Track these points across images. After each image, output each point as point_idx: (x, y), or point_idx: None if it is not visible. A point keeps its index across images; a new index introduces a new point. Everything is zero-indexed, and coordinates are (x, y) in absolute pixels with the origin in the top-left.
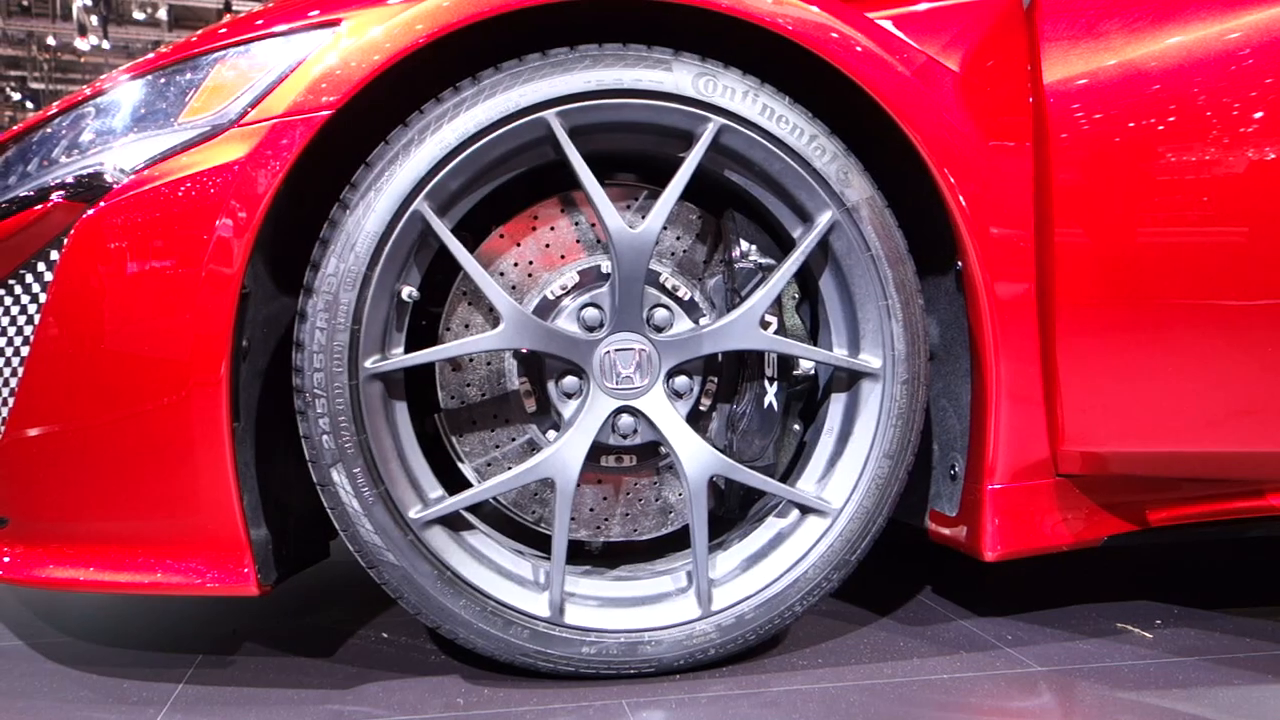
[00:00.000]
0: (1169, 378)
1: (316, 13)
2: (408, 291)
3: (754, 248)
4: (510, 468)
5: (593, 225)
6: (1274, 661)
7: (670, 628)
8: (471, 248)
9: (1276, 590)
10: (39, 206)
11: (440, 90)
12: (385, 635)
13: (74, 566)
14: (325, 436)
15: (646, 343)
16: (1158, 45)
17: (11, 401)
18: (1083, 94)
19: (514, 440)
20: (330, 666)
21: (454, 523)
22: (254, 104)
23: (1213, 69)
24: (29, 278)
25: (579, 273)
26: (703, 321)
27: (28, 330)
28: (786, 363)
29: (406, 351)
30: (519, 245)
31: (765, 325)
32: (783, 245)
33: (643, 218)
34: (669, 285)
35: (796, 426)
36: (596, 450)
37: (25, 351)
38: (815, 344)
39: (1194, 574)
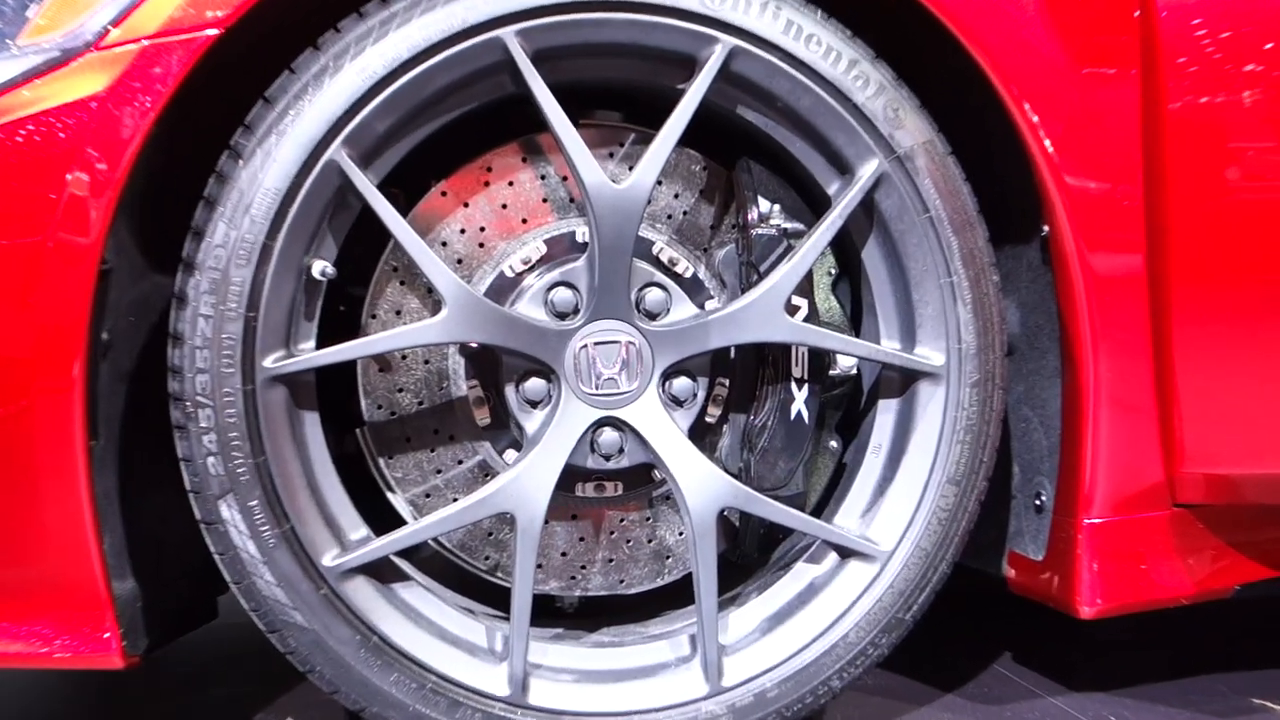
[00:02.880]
0: None
1: None
2: (321, 267)
3: (777, 208)
4: (456, 499)
5: (564, 179)
6: None
7: (668, 709)
8: (405, 209)
9: None
10: None
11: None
12: None
13: None
14: (211, 459)
15: (635, 334)
16: None
17: None
18: (1206, 6)
19: (461, 463)
20: None
21: (382, 573)
22: (117, 21)
23: None
24: None
25: (546, 242)
26: (710, 305)
27: None
28: (820, 360)
29: (319, 346)
30: (467, 206)
31: (792, 310)
32: (815, 205)
33: (630, 169)
34: (665, 258)
35: (833, 444)
36: (570, 476)
37: None
38: (858, 335)
39: None
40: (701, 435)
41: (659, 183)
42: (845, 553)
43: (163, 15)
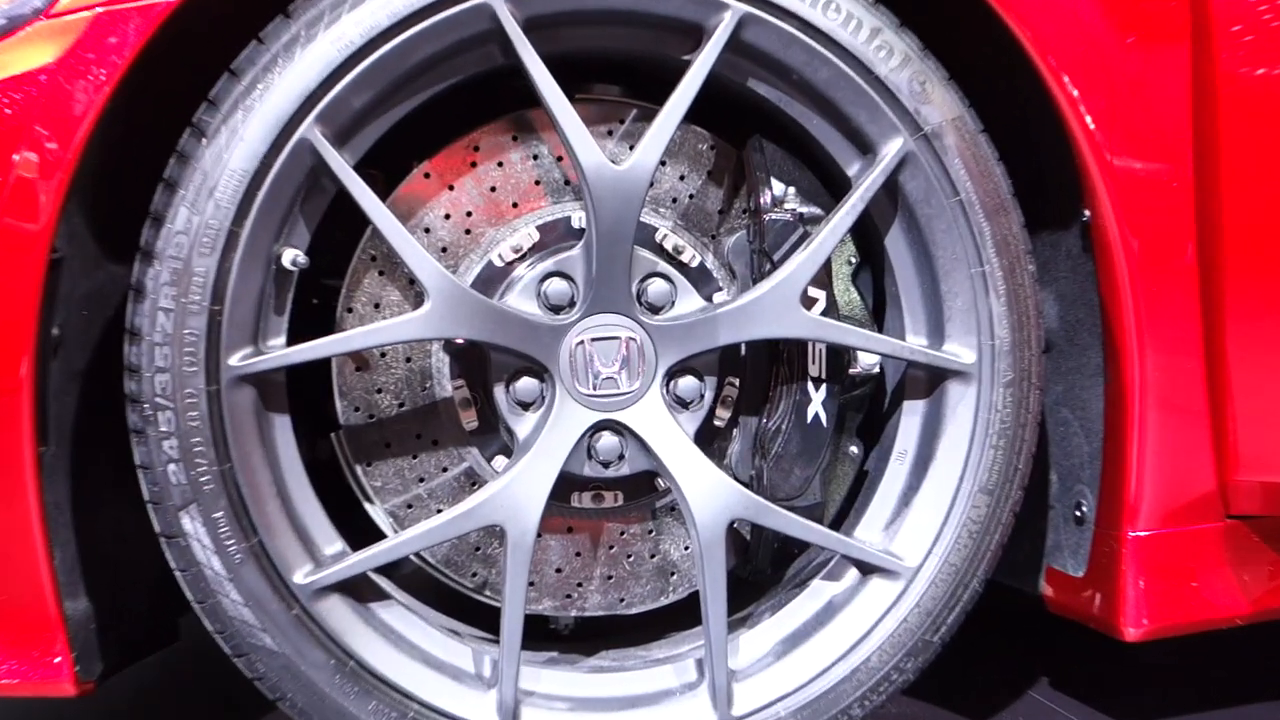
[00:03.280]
0: None
1: None
2: (292, 256)
3: (792, 191)
4: (440, 510)
5: (559, 160)
6: None
7: None
8: (385, 193)
9: None
10: None
11: None
12: None
13: None
14: (172, 466)
15: (637, 329)
16: None
17: None
18: None
19: (445, 470)
20: None
21: (360, 591)
22: None
23: None
24: None
25: (539, 228)
26: (718, 298)
27: None
28: (839, 358)
29: (290, 343)
30: (452, 189)
31: (809, 303)
32: (834, 188)
33: (631, 148)
34: (669, 246)
35: (854, 449)
36: (566, 485)
37: None
38: (881, 330)
39: None
40: (709, 440)
41: (663, 163)
42: (867, 569)
43: None
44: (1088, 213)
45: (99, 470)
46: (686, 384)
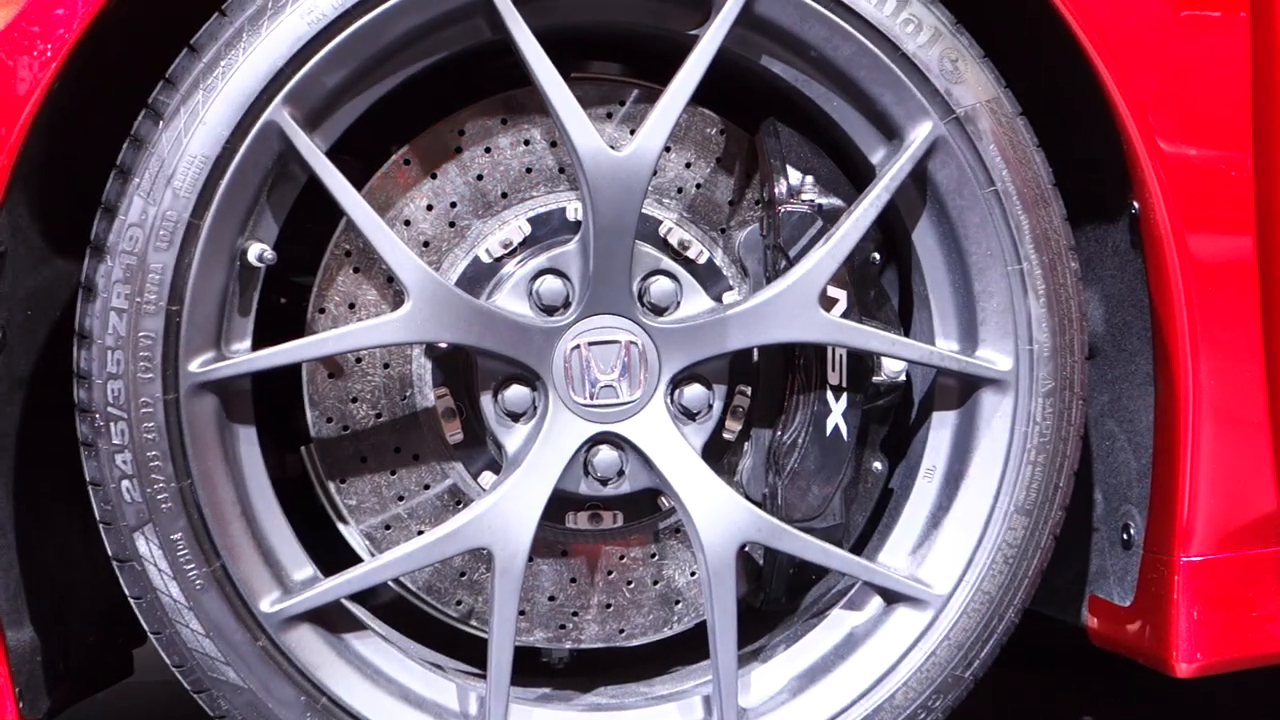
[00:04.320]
0: None
1: None
2: (258, 251)
3: (810, 180)
4: (421, 531)
5: (553, 145)
6: None
7: None
8: (360, 181)
9: None
10: None
11: None
12: None
13: None
14: (126, 483)
15: (638, 332)
16: None
17: None
18: None
19: (427, 488)
20: None
21: (333, 620)
22: None
23: None
24: None
25: (531, 221)
26: (728, 298)
27: None
28: (861, 365)
29: (256, 347)
30: (435, 177)
31: (828, 304)
32: (856, 177)
33: (632, 132)
34: (674, 241)
35: (877, 465)
36: (560, 504)
37: None
38: (907, 334)
39: None
40: (718, 455)
41: (667, 149)
42: (892, 597)
43: None
44: (1136, 204)
45: (45, 487)
46: (693, 393)
